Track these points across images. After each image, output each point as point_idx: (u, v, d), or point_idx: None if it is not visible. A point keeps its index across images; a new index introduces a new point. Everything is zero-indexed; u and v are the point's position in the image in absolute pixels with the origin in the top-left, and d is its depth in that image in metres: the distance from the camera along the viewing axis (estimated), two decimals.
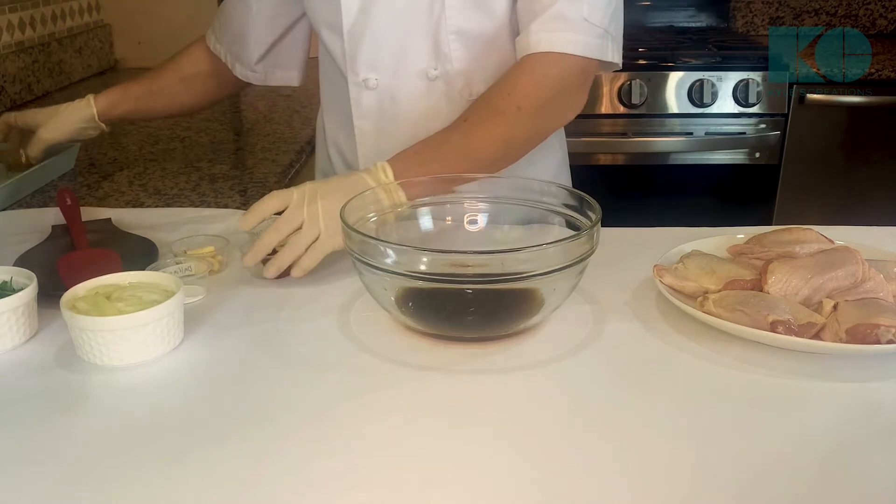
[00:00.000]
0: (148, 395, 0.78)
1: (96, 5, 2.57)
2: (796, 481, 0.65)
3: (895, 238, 1.07)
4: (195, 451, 0.69)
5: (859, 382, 0.79)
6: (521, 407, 0.76)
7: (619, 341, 0.87)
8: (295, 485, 0.65)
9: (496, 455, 0.68)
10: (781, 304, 0.85)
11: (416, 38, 1.18)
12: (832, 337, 0.82)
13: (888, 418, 0.73)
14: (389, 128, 1.23)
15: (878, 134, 2.61)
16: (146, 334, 0.82)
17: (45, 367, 0.82)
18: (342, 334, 0.88)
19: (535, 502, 0.63)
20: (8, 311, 0.84)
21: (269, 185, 1.44)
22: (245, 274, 1.02)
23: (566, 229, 0.94)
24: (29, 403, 0.77)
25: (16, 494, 0.64)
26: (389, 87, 1.21)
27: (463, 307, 0.87)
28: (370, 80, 1.21)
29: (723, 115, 2.53)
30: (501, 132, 1.09)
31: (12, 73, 2.06)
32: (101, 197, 1.37)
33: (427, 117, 1.19)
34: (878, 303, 0.85)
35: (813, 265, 0.91)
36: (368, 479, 0.65)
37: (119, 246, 1.06)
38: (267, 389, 0.79)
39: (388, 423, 0.73)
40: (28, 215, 1.26)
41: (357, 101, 1.23)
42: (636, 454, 0.68)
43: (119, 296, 0.85)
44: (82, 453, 0.69)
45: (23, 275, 0.89)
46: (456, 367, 0.82)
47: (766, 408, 0.75)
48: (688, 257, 0.96)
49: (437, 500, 0.64)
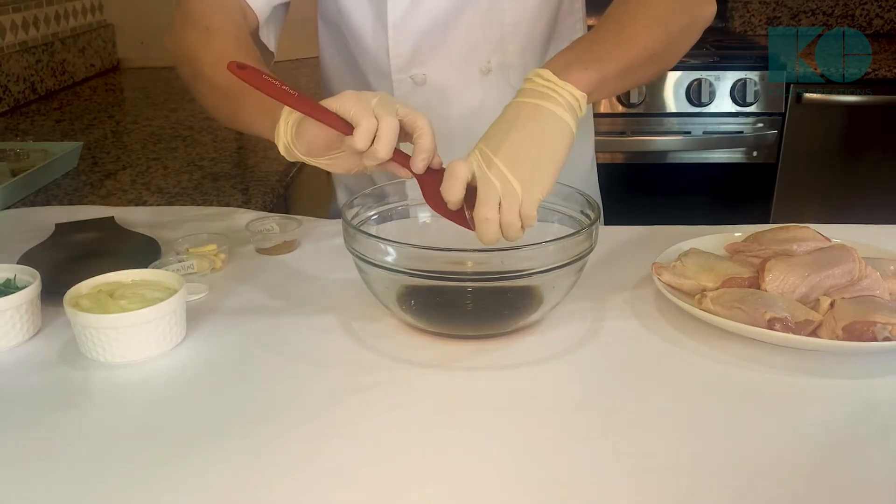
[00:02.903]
0: (150, 392, 0.78)
1: (99, 5, 2.57)
2: (794, 477, 0.65)
3: (891, 236, 1.07)
4: (197, 447, 0.69)
5: (856, 379, 0.79)
6: (521, 404, 0.76)
7: (617, 339, 0.87)
8: (297, 481, 0.65)
9: (496, 451, 0.68)
10: (779, 302, 0.85)
11: (472, 31, 1.13)
12: (829, 334, 0.82)
13: (884, 415, 0.73)
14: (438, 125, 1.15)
15: (874, 133, 2.61)
16: (149, 331, 0.82)
17: (48, 364, 0.82)
18: (343, 331, 0.88)
19: (535, 498, 0.63)
20: (11, 308, 0.84)
21: (270, 183, 1.44)
22: (246, 272, 1.02)
23: (565, 227, 0.93)
24: (32, 400, 0.77)
25: (19, 491, 0.64)
26: (439, 82, 1.17)
27: (463, 304, 0.87)
28: (418, 75, 1.16)
29: (720, 114, 2.53)
30: (654, 11, 0.97)
31: (16, 73, 2.06)
32: (104, 195, 1.37)
33: (479, 113, 1.10)
34: (875, 300, 0.85)
35: (810, 263, 0.91)
36: (369, 476, 0.65)
37: (122, 244, 1.06)
38: (268, 386, 0.79)
39: (389, 420, 0.73)
40: (31, 214, 1.26)
41: (403, 98, 1.13)
42: (635, 450, 0.68)
43: (122, 293, 0.85)
44: (85, 449, 0.69)
45: (26, 273, 0.89)
46: (456, 364, 0.82)
47: (764, 404, 0.75)
48: (686, 255, 0.96)
49: (438, 497, 0.63)
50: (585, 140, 1.35)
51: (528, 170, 0.81)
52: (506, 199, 0.80)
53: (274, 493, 0.64)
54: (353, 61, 1.22)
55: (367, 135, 0.78)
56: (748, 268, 0.94)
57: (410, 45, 1.15)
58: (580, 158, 1.34)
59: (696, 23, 1.01)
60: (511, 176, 0.80)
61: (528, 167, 0.81)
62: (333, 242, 1.10)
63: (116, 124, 1.91)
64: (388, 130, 0.78)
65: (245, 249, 1.08)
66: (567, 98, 0.84)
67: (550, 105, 0.84)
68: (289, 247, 1.09)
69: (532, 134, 0.82)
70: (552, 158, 0.83)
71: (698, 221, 1.13)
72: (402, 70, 1.16)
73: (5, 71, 2.01)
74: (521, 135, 0.82)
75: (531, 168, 0.81)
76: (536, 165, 0.81)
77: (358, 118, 0.78)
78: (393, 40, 1.14)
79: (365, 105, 0.79)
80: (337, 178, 1.40)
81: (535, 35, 1.17)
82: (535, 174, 0.81)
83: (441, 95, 1.18)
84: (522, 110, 0.84)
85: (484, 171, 0.81)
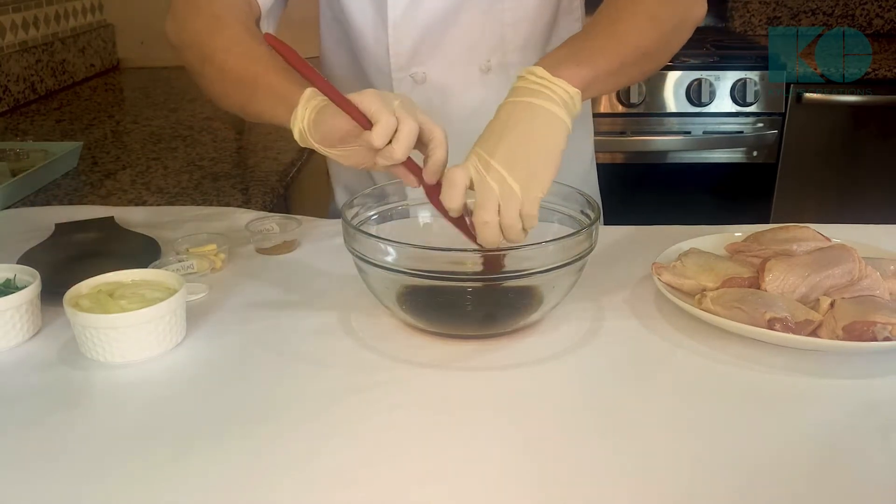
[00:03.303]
0: (150, 392, 0.78)
1: (99, 5, 2.57)
2: (794, 477, 0.65)
3: (892, 236, 1.07)
4: (197, 446, 0.69)
5: (856, 379, 0.79)
6: (521, 403, 0.76)
7: (617, 338, 0.86)
8: (297, 481, 0.65)
9: (496, 451, 0.68)
10: (779, 302, 0.85)
11: (472, 29, 1.13)
12: (829, 334, 0.82)
13: (884, 414, 0.73)
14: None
15: (874, 132, 2.60)
16: (148, 331, 0.82)
17: (48, 364, 0.82)
18: (343, 331, 0.88)
19: (535, 498, 0.63)
20: (11, 308, 0.84)
21: (270, 183, 1.44)
22: (246, 271, 1.02)
23: (565, 227, 0.93)
24: (32, 400, 0.76)
25: (18, 490, 0.64)
26: (439, 80, 1.17)
27: (463, 305, 0.87)
28: (418, 73, 1.16)
29: (720, 114, 2.52)
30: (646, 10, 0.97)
31: (16, 73, 2.06)
32: (104, 195, 1.37)
33: (480, 112, 1.08)
34: (875, 300, 0.85)
35: (810, 263, 0.91)
36: (369, 476, 0.65)
37: (122, 244, 1.06)
38: (268, 386, 0.78)
39: (389, 420, 0.73)
40: (31, 214, 1.26)
41: None
42: (635, 450, 0.68)
43: (122, 293, 0.85)
44: (85, 449, 0.69)
45: (26, 272, 0.89)
46: (456, 364, 0.82)
47: (764, 404, 0.75)
48: (686, 255, 0.96)
49: (438, 496, 0.63)
50: (585, 140, 1.35)
51: (526, 169, 0.81)
52: (505, 201, 0.80)
53: (274, 492, 0.64)
54: (354, 59, 1.21)
55: (385, 133, 0.78)
56: (748, 268, 0.93)
57: (410, 44, 1.15)
58: (580, 158, 1.34)
59: (686, 22, 1.02)
60: (509, 178, 0.80)
61: (526, 167, 0.81)
62: (333, 242, 1.09)
63: (116, 124, 1.91)
64: (408, 132, 0.78)
65: (245, 249, 1.08)
66: (561, 94, 0.84)
67: (543, 102, 0.83)
68: (289, 247, 1.09)
69: (526, 133, 0.82)
70: (549, 156, 0.83)
71: (698, 221, 1.13)
72: (402, 68, 1.16)
73: (5, 71, 2.01)
74: (516, 135, 0.82)
75: (528, 167, 0.81)
76: (534, 164, 0.81)
77: (378, 115, 0.77)
78: (393, 38, 1.14)
79: (387, 104, 0.79)
80: (336, 178, 1.39)
81: (535, 34, 1.17)
82: (533, 173, 0.81)
83: (441, 94, 1.18)
84: (515, 109, 0.84)
85: (482, 175, 0.81)
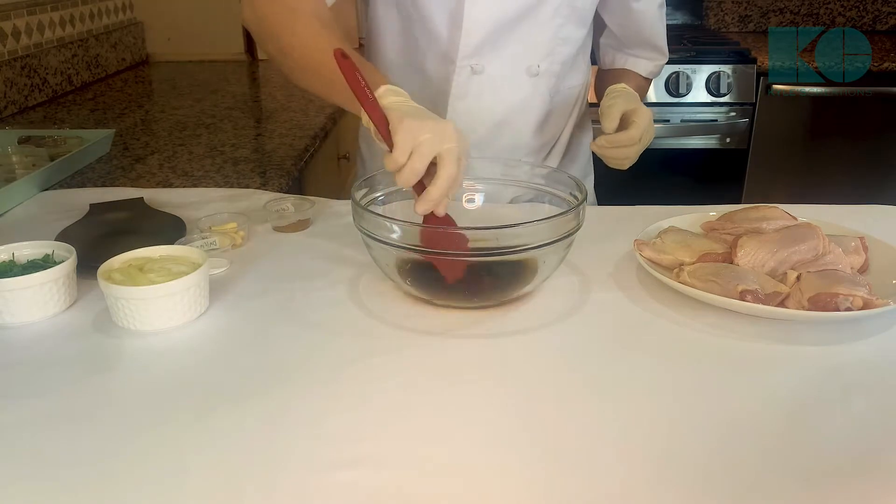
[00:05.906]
0: (177, 358, 0.77)
1: (130, 4, 2.54)
2: (764, 435, 0.65)
3: (853, 215, 1.06)
4: (219, 407, 0.69)
5: (820, 346, 0.78)
6: (514, 368, 0.75)
7: (602, 309, 0.86)
8: (309, 437, 0.64)
9: (491, 411, 0.68)
10: (750, 276, 0.84)
11: (531, 35, 1.16)
12: (796, 305, 0.81)
13: (846, 378, 0.73)
14: (481, 112, 1.19)
15: (837, 121, 2.59)
16: (175, 302, 0.81)
17: (83, 332, 0.82)
18: (352, 303, 0.87)
19: (527, 454, 0.63)
20: (50, 281, 0.83)
21: (285, 167, 1.43)
22: (264, 248, 1.01)
23: (555, 207, 0.93)
24: (70, 364, 0.76)
25: (57, 448, 0.64)
26: (494, 74, 1.18)
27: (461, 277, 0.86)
28: (478, 65, 1.16)
29: (697, 104, 2.51)
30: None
31: (54, 66, 2.04)
32: (134, 178, 1.36)
33: (522, 109, 1.20)
34: (838, 274, 0.84)
35: (778, 240, 0.90)
36: (375, 433, 0.65)
37: (150, 222, 1.06)
38: (283, 352, 0.78)
39: (394, 382, 0.72)
40: (68, 195, 1.25)
41: (460, 83, 1.17)
42: (618, 411, 0.68)
43: (150, 267, 0.85)
44: (117, 410, 0.69)
45: (63, 248, 0.88)
46: (454, 332, 0.81)
47: (736, 369, 0.75)
48: (665, 233, 0.95)
49: (437, 452, 0.63)
50: (586, 135, 1.37)
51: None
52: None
53: (289, 447, 0.63)
54: (411, 45, 1.19)
55: (393, 166, 0.80)
56: (722, 244, 0.93)
57: (479, 38, 1.15)
58: (581, 151, 1.36)
59: None
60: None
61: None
62: (343, 221, 1.09)
63: (146, 113, 1.89)
64: (408, 171, 0.79)
65: (263, 227, 1.07)
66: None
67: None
68: (303, 225, 1.08)
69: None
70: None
71: (676, 202, 1.12)
72: (467, 58, 1.16)
73: (44, 65, 1.99)
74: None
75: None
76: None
77: (395, 149, 0.79)
78: (465, 31, 1.14)
79: (412, 139, 0.79)
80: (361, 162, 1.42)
81: (573, 53, 1.21)
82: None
83: (493, 87, 1.18)
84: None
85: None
